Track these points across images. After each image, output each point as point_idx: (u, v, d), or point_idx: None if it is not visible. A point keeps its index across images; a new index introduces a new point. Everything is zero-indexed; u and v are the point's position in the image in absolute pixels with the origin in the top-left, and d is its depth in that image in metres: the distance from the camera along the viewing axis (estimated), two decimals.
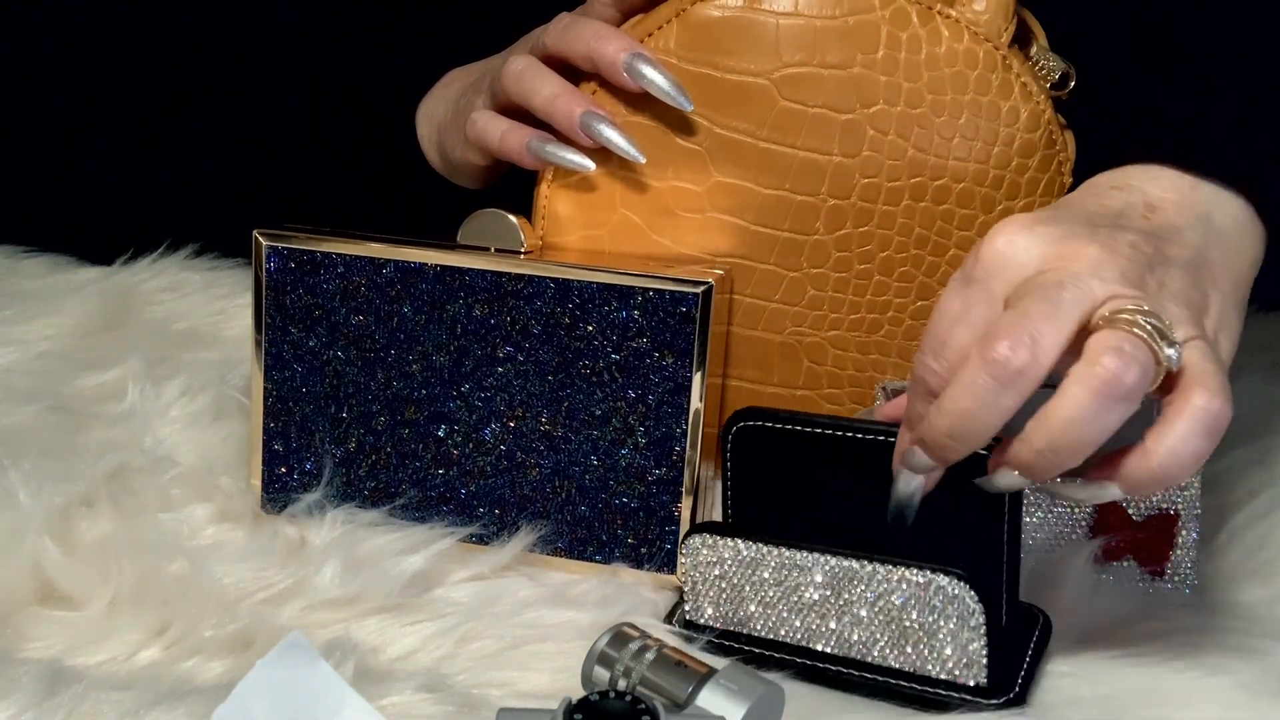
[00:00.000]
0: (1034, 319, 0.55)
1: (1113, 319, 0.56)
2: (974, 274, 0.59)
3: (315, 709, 0.59)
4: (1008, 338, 0.55)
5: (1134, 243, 0.59)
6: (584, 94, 0.71)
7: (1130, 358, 0.54)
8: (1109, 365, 0.54)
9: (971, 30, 0.70)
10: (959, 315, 0.58)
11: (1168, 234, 0.61)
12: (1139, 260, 0.58)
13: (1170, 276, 0.59)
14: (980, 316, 0.58)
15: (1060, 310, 0.55)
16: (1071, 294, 0.56)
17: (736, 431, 0.66)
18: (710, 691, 0.57)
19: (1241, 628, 0.68)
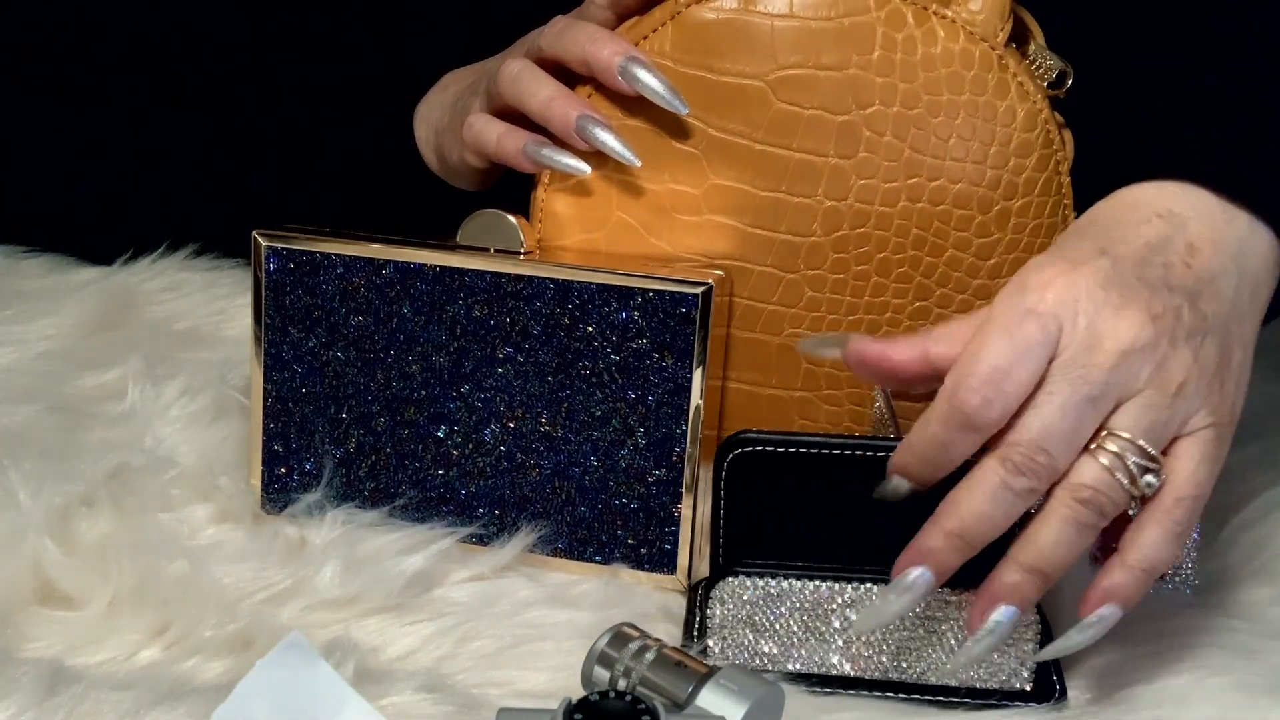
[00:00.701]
0: (1055, 433, 0.59)
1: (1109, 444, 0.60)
2: (1038, 308, 0.60)
3: (315, 709, 0.59)
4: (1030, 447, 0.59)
5: (1179, 310, 0.61)
6: (579, 97, 0.71)
7: (1106, 500, 0.60)
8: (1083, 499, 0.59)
9: (967, 30, 0.70)
10: (1024, 351, 0.60)
11: (1206, 285, 0.62)
12: (1180, 335, 0.61)
13: (1206, 347, 0.61)
14: (1041, 358, 0.60)
15: (1082, 426, 0.59)
16: (1096, 410, 0.59)
17: (733, 458, 0.66)
18: (710, 691, 0.57)
19: (1241, 628, 0.68)
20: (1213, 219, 0.64)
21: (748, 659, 0.65)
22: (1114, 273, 0.61)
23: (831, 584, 0.64)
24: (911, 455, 0.61)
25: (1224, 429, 0.62)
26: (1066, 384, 0.59)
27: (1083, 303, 0.60)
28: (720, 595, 0.65)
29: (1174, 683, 0.64)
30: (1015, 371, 0.59)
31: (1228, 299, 0.63)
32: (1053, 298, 0.60)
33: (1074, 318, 0.60)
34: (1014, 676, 0.63)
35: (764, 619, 0.64)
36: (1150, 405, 0.60)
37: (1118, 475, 0.59)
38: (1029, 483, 0.59)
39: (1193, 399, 0.61)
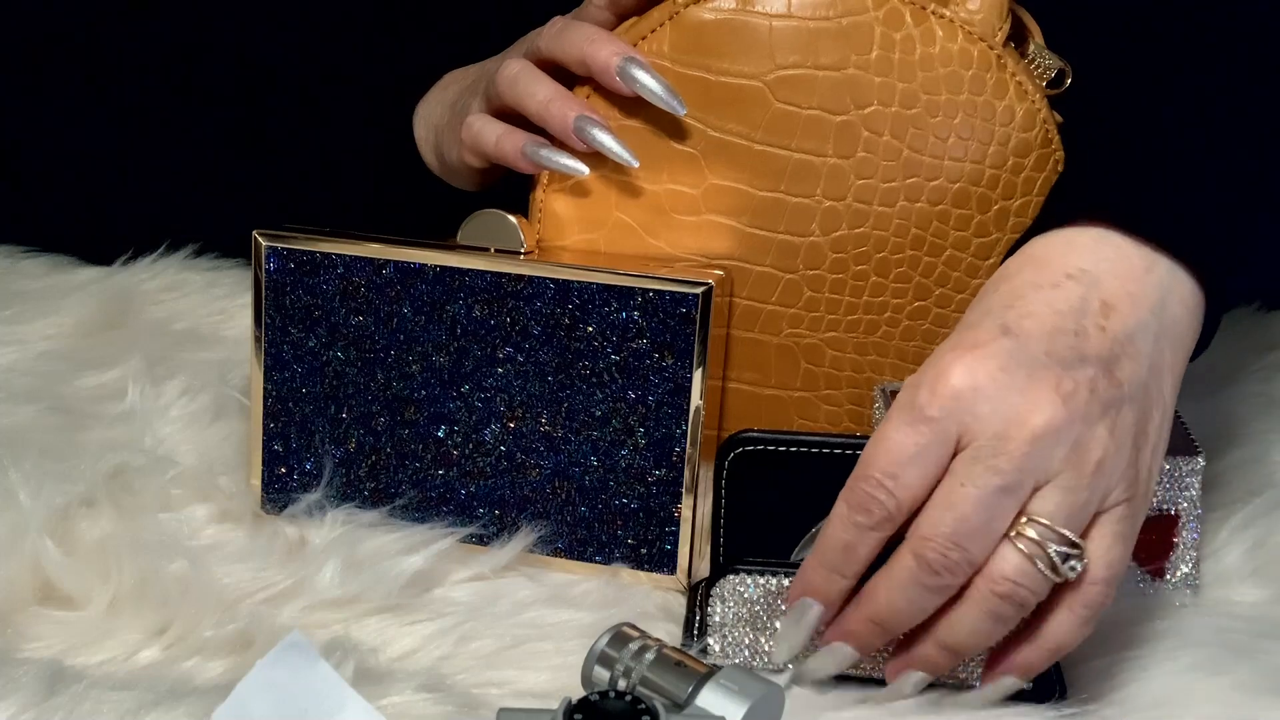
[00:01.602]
0: (970, 527, 0.58)
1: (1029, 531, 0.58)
2: (928, 410, 0.59)
3: (315, 709, 0.59)
4: (944, 544, 0.58)
5: (1092, 382, 0.59)
6: (578, 98, 0.71)
7: (1026, 592, 0.59)
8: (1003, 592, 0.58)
9: (966, 30, 0.70)
10: (912, 453, 0.59)
11: (1123, 347, 0.60)
12: (1094, 411, 0.59)
13: (1123, 416, 0.59)
14: (935, 460, 0.59)
15: (998, 517, 0.58)
16: (1013, 498, 0.58)
17: (734, 458, 0.66)
18: (710, 691, 0.57)
19: (1241, 628, 0.68)
20: (1129, 268, 0.61)
21: (748, 657, 0.65)
22: (1018, 353, 0.59)
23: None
24: (817, 569, 0.61)
25: (1138, 502, 0.60)
26: (979, 475, 0.58)
27: (985, 390, 0.58)
28: (721, 593, 0.65)
29: (1174, 683, 0.64)
30: (906, 472, 0.58)
31: (1145, 357, 0.60)
32: (949, 393, 0.58)
33: (974, 409, 0.58)
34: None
35: (765, 617, 0.64)
36: (1068, 489, 0.58)
37: (1038, 564, 0.58)
38: (944, 580, 0.58)
39: (1110, 474, 0.59)
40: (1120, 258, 0.62)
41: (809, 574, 0.61)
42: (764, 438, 0.66)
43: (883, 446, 0.59)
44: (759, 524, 0.67)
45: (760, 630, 0.65)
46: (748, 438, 0.66)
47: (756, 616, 0.65)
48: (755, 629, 0.65)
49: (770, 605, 0.64)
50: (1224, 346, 0.94)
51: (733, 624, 0.65)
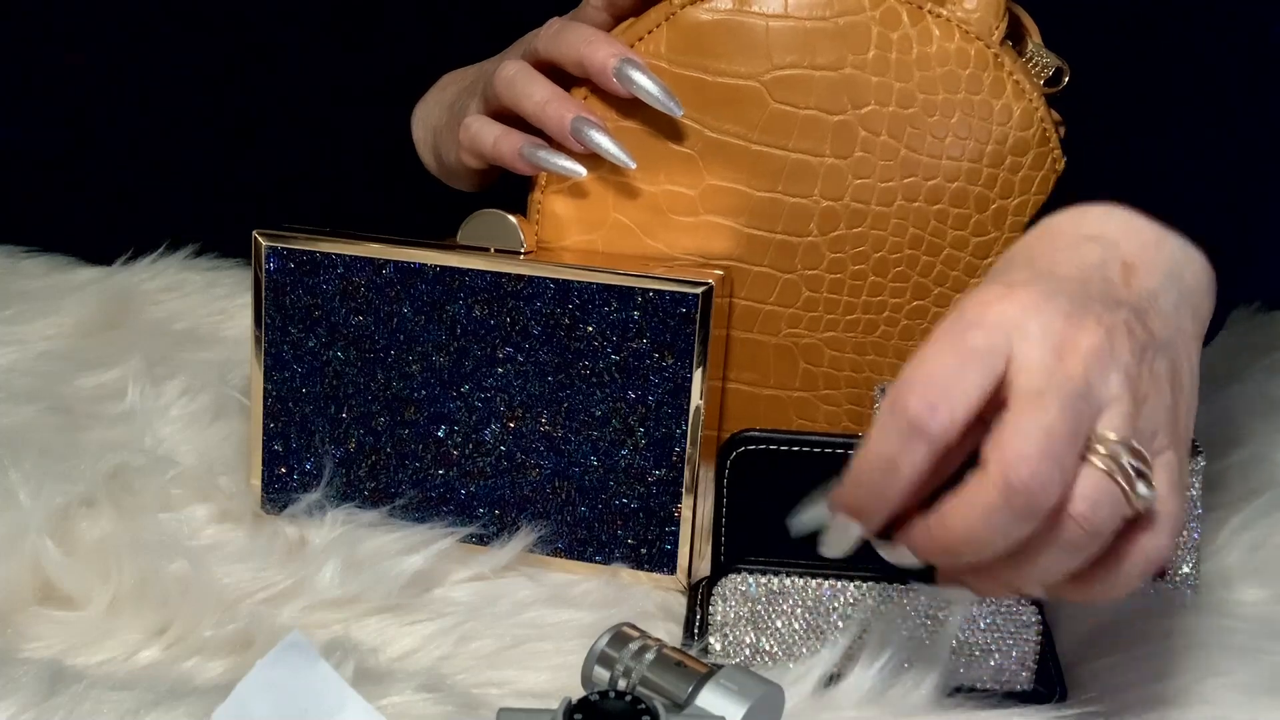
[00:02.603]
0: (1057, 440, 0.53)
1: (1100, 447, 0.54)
2: (976, 328, 0.55)
3: (315, 709, 0.59)
4: (1034, 464, 0.52)
5: (1128, 323, 0.56)
6: (575, 99, 0.71)
7: (1104, 515, 0.54)
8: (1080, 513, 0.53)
9: (962, 29, 0.70)
10: (964, 363, 0.54)
11: (1149, 303, 0.58)
12: (1135, 348, 0.56)
13: (1158, 364, 0.57)
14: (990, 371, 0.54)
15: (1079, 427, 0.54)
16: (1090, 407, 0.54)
17: (736, 457, 0.66)
18: (710, 691, 0.57)
19: (1241, 628, 0.68)
20: (1142, 239, 0.60)
21: (749, 657, 0.65)
22: (1059, 287, 0.56)
23: (834, 582, 0.64)
24: (857, 486, 0.55)
25: (1181, 453, 0.57)
26: (1051, 391, 0.53)
27: (1031, 315, 0.55)
28: (723, 592, 0.65)
29: (1174, 683, 0.64)
30: (961, 376, 0.54)
31: (1170, 317, 0.59)
32: (995, 315, 0.55)
33: (1025, 331, 0.54)
34: (1015, 677, 0.63)
35: (766, 617, 0.65)
36: (1128, 414, 0.55)
37: (1117, 479, 0.54)
38: (1037, 501, 0.53)
39: (1154, 415, 0.56)
40: (1132, 228, 0.61)
41: (849, 492, 0.55)
42: (765, 437, 0.66)
43: (929, 358, 0.54)
44: (760, 524, 0.67)
45: (762, 630, 0.65)
46: (749, 437, 0.66)
47: (758, 616, 0.65)
48: (757, 628, 0.65)
49: (772, 604, 0.64)
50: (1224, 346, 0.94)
51: (734, 623, 0.65)
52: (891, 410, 0.54)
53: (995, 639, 0.63)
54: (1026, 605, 0.63)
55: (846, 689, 0.62)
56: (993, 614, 0.63)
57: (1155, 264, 0.60)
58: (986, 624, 0.63)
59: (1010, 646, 0.63)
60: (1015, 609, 0.63)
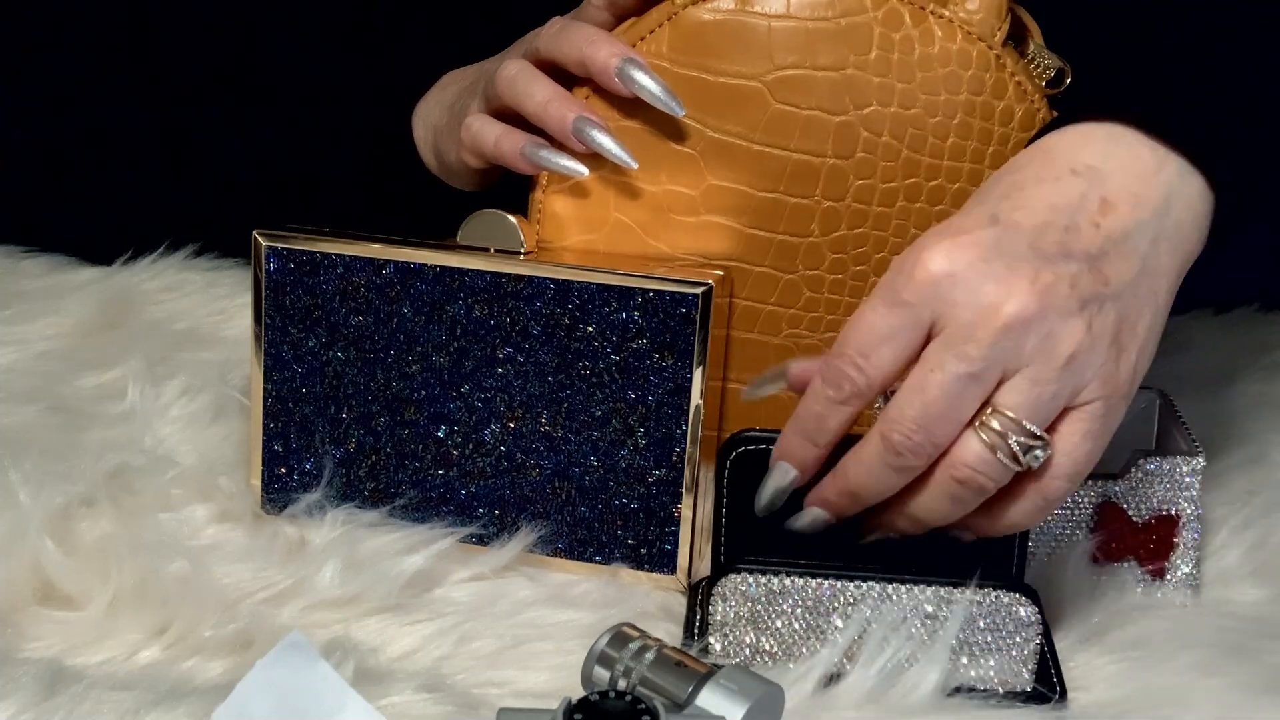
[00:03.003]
0: (935, 412, 0.59)
1: (993, 422, 0.59)
2: (903, 294, 0.60)
3: (315, 709, 0.59)
4: (909, 426, 0.60)
5: (1074, 277, 0.59)
6: (577, 99, 0.71)
7: (985, 479, 0.60)
8: (962, 478, 0.60)
9: (965, 30, 0.70)
10: (885, 334, 0.60)
11: (1116, 245, 0.61)
12: (1072, 305, 0.59)
13: (1103, 316, 0.60)
14: (907, 343, 0.60)
15: (963, 404, 0.59)
16: (979, 386, 0.59)
17: (736, 457, 0.66)
18: (710, 691, 0.57)
19: (1241, 628, 0.68)
20: (1139, 166, 0.62)
21: (749, 656, 0.65)
22: (1001, 243, 0.60)
23: (834, 583, 0.64)
24: (794, 436, 0.63)
25: (1114, 401, 0.61)
26: (947, 361, 0.59)
27: (961, 277, 0.59)
28: (723, 592, 0.65)
29: (1174, 683, 0.64)
30: (878, 351, 0.60)
31: (1140, 257, 0.61)
32: (925, 279, 0.60)
33: (948, 296, 0.59)
34: (1014, 677, 0.63)
35: (766, 617, 0.65)
36: (1036, 380, 0.59)
37: (999, 455, 0.59)
38: (908, 461, 0.60)
39: (1083, 370, 0.59)
40: (1131, 156, 0.62)
41: (787, 439, 0.63)
42: (765, 437, 0.66)
43: (858, 326, 0.61)
44: (760, 524, 0.67)
45: (762, 630, 0.65)
46: (749, 437, 0.66)
47: (758, 616, 0.65)
48: (757, 628, 0.65)
49: (772, 604, 0.64)
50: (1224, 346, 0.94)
51: (734, 623, 0.65)
52: (823, 373, 0.61)
53: (995, 639, 0.63)
54: (1027, 605, 0.63)
55: (846, 689, 0.62)
56: (992, 614, 0.63)
57: (1142, 198, 0.61)
58: (986, 624, 0.63)
59: (1010, 646, 0.63)
60: (1015, 609, 0.63)
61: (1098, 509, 0.70)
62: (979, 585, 0.63)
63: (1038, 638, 0.63)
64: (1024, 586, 0.63)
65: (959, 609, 0.63)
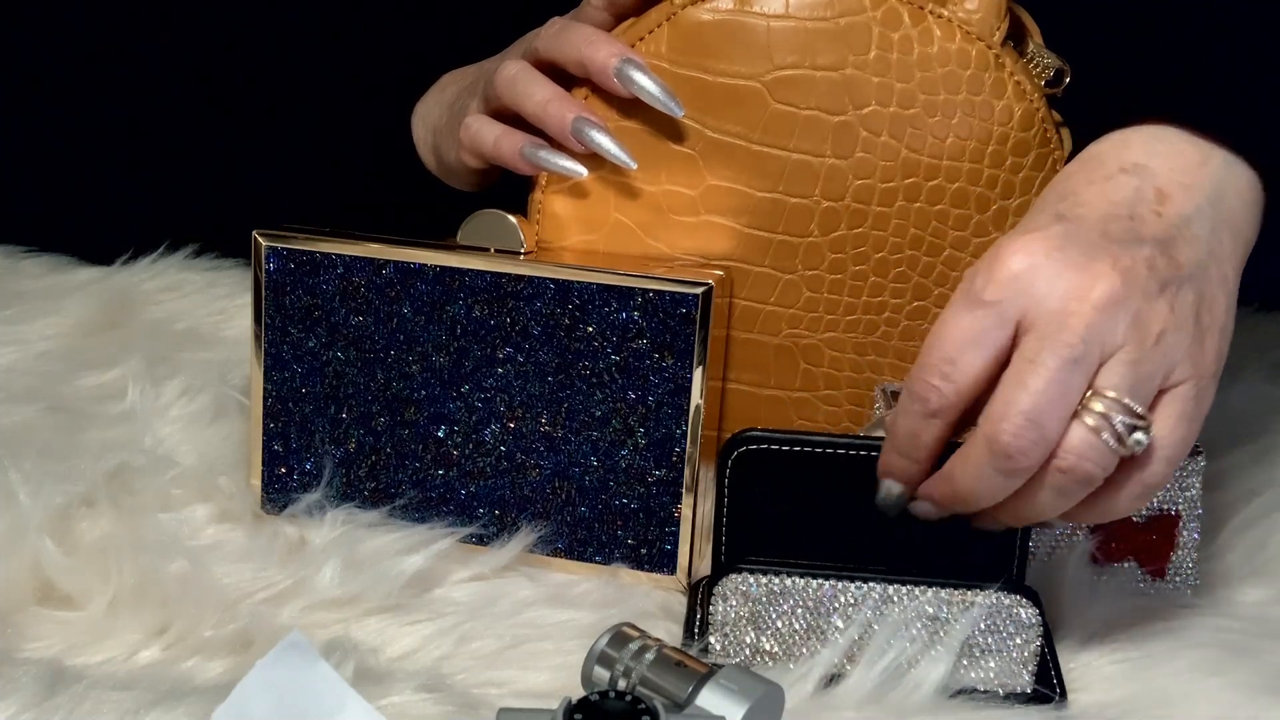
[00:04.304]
0: (1041, 406, 0.58)
1: (1096, 405, 0.58)
2: (985, 295, 0.59)
3: (315, 709, 0.59)
4: (1017, 423, 0.58)
5: (1149, 260, 0.59)
6: (576, 99, 0.71)
7: (1092, 466, 0.59)
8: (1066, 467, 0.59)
9: (964, 29, 0.70)
10: (970, 339, 0.59)
11: (1179, 231, 0.61)
12: (1152, 286, 0.59)
13: (1182, 297, 0.60)
14: (994, 344, 0.59)
15: (1069, 393, 0.58)
16: (1082, 371, 0.58)
17: (737, 457, 0.66)
18: (710, 691, 0.57)
19: (1241, 628, 0.68)
20: (1184, 161, 0.62)
21: (749, 656, 0.65)
22: (1074, 235, 0.60)
23: (834, 583, 0.64)
24: (892, 453, 0.63)
25: (1204, 382, 0.61)
26: (1045, 352, 0.58)
27: (1042, 270, 0.59)
28: (723, 592, 0.65)
29: (1174, 683, 0.64)
30: (964, 356, 0.59)
31: (1203, 241, 0.61)
32: (1005, 276, 0.59)
33: (1032, 289, 0.59)
34: (1015, 678, 0.63)
35: (766, 617, 0.65)
36: (1132, 360, 0.59)
37: (1104, 437, 0.58)
38: (1019, 462, 0.58)
39: (1173, 349, 0.59)
40: (1174, 152, 0.62)
41: (887, 456, 0.63)
42: (766, 437, 0.66)
43: (941, 334, 0.60)
44: (760, 523, 0.67)
45: (762, 630, 0.65)
46: (750, 437, 0.66)
47: (758, 615, 0.65)
48: (757, 628, 0.65)
49: (772, 604, 0.64)
50: None
51: (735, 623, 0.65)
52: (910, 391, 0.61)
53: (995, 639, 0.63)
54: (1027, 606, 0.63)
55: (847, 689, 0.62)
56: (993, 615, 0.63)
57: (1193, 188, 0.62)
58: (986, 624, 0.63)
59: (1010, 647, 0.63)
60: (1015, 610, 0.63)
61: None
62: (980, 587, 0.63)
63: (1038, 639, 0.63)
64: (1025, 588, 0.63)
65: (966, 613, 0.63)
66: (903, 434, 0.61)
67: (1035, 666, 0.64)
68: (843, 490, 0.66)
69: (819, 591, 0.64)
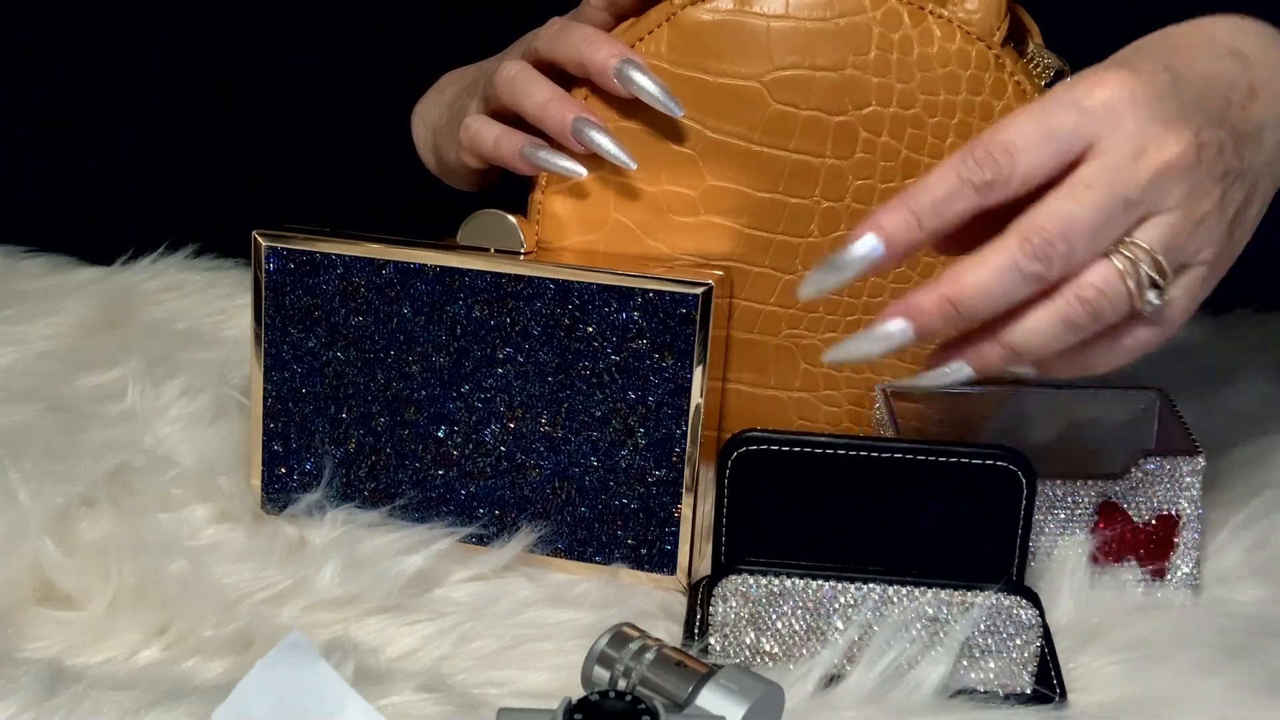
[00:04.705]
0: (1080, 228, 0.58)
1: (1126, 251, 0.59)
2: (1083, 102, 0.59)
3: (315, 709, 0.59)
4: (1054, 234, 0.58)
5: (1223, 144, 0.61)
6: (576, 100, 0.71)
7: (1107, 306, 0.60)
8: (1087, 297, 0.59)
9: (964, 30, 0.70)
10: (1047, 134, 0.59)
11: (1254, 132, 0.62)
12: (1218, 169, 0.61)
13: (1234, 191, 0.62)
14: (1064, 150, 0.59)
15: (1110, 228, 0.59)
16: (1128, 215, 0.59)
17: (737, 457, 0.66)
18: (710, 691, 0.57)
19: (1241, 628, 0.68)
20: (1271, 57, 0.64)
21: (749, 657, 0.65)
22: (1175, 89, 0.60)
23: (834, 584, 0.64)
24: (903, 209, 0.60)
25: (1217, 271, 0.63)
26: (1105, 183, 0.59)
27: (1135, 108, 0.59)
28: (723, 593, 0.65)
29: (1174, 683, 0.64)
30: (1032, 150, 0.59)
31: (1267, 151, 0.63)
32: (1102, 96, 0.59)
33: (1120, 121, 0.59)
34: (1014, 678, 0.63)
35: (766, 617, 0.65)
36: (1175, 227, 0.60)
37: (1128, 282, 0.59)
38: (1040, 269, 0.58)
39: (1209, 233, 0.61)
40: (1263, 45, 0.64)
41: (885, 213, 0.60)
42: (766, 437, 0.66)
43: (1016, 120, 0.59)
44: (760, 524, 0.67)
45: (762, 630, 0.65)
46: (750, 437, 0.66)
47: (758, 616, 0.65)
48: (757, 629, 0.65)
49: (772, 605, 0.64)
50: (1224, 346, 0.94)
51: (734, 623, 0.65)
52: (965, 156, 0.59)
53: (995, 640, 0.63)
54: (1027, 607, 0.63)
55: (847, 690, 0.62)
56: (992, 615, 0.63)
57: (1277, 95, 0.63)
58: (986, 625, 0.63)
59: (1010, 648, 0.63)
60: (1015, 610, 0.63)
61: (1098, 509, 0.70)
62: (980, 588, 0.63)
63: (1038, 640, 0.63)
64: (1024, 589, 0.63)
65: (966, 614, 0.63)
66: (930, 194, 0.59)
67: (1035, 667, 0.64)
68: (843, 490, 0.66)
69: (819, 592, 0.64)
